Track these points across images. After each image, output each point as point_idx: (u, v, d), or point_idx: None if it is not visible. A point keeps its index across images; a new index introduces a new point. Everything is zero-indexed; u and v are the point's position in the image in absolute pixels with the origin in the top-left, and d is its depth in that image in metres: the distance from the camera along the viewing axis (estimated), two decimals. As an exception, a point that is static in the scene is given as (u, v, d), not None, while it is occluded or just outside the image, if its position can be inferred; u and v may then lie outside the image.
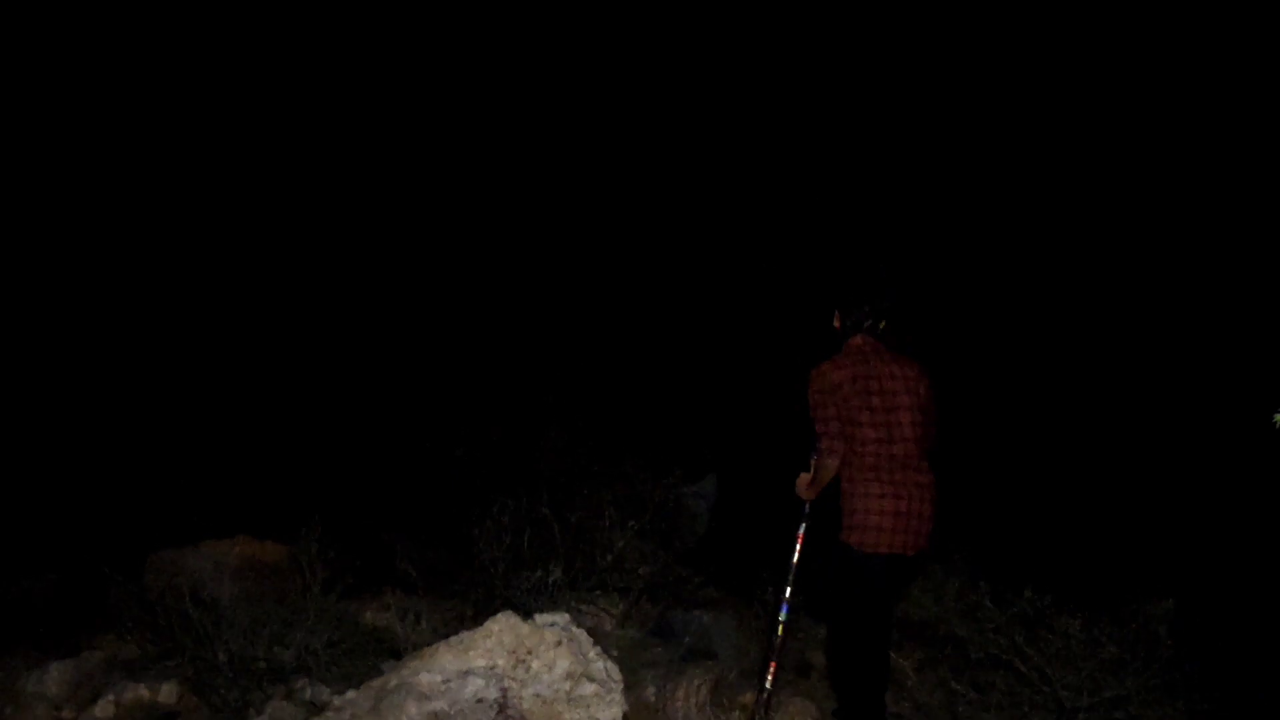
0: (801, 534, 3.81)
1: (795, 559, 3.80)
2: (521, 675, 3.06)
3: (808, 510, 3.79)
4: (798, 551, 3.80)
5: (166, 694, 3.78)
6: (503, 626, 3.16)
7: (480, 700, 2.98)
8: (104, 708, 3.69)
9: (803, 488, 3.73)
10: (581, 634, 3.28)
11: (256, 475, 5.97)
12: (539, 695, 3.02)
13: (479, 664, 3.08)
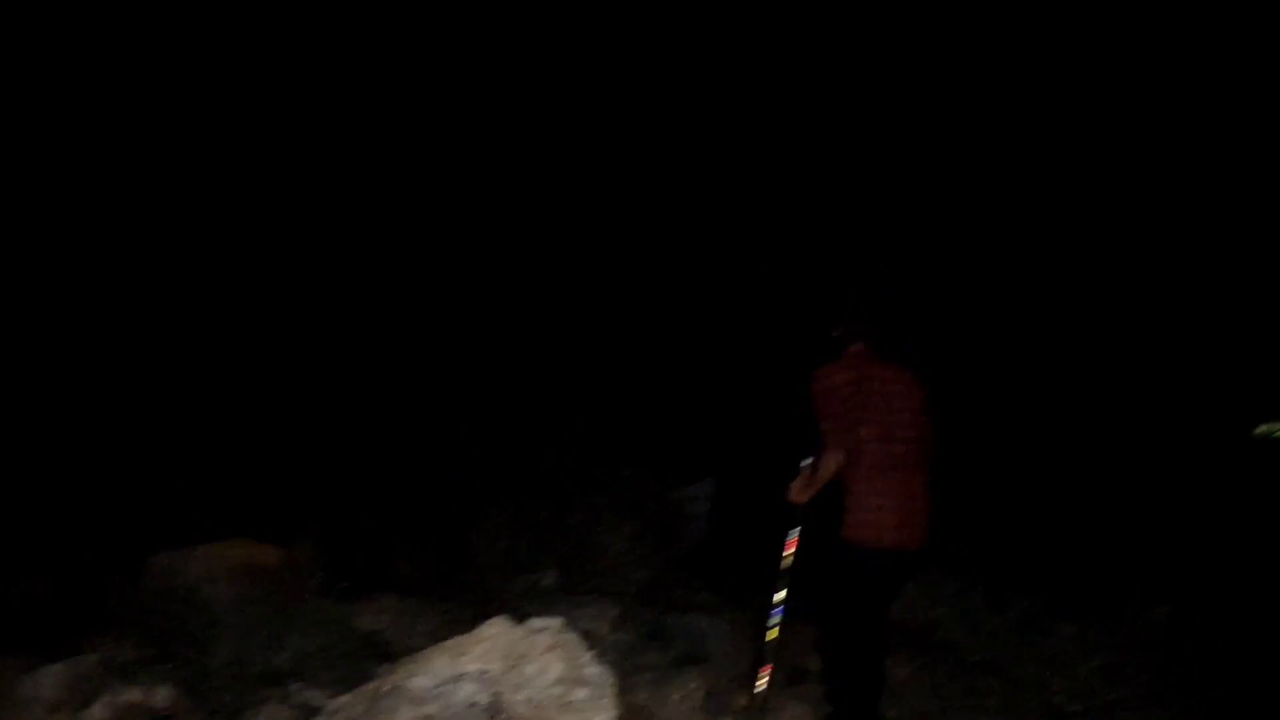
0: (794, 539, 3.84)
1: (788, 564, 3.82)
2: (514, 680, 3.07)
3: (800, 515, 3.82)
4: (790, 556, 3.83)
5: (161, 697, 3.78)
6: (496, 631, 3.17)
7: (472, 705, 2.98)
8: (98, 710, 3.68)
9: (795, 492, 3.76)
10: (574, 638, 3.28)
11: (255, 478, 5.98)
12: (531, 700, 3.02)
13: (472, 668, 3.08)
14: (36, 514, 5.39)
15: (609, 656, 3.97)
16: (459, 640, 3.16)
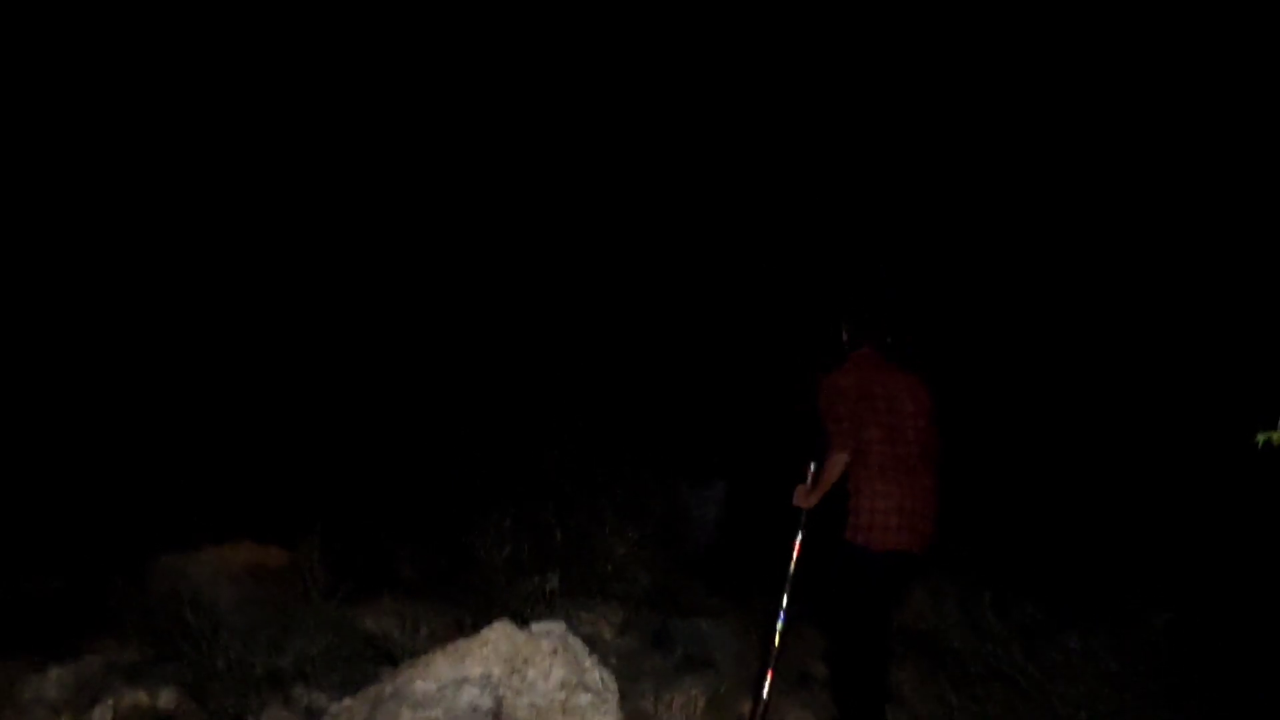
0: (799, 543, 3.84)
1: (793, 568, 3.82)
2: (517, 684, 3.06)
3: (805, 520, 3.82)
4: (795, 560, 3.82)
5: (165, 699, 3.79)
6: (499, 635, 3.16)
7: (475, 709, 2.98)
8: (102, 712, 3.69)
9: (801, 497, 3.77)
10: (578, 643, 3.28)
11: (259, 480, 5.99)
12: (534, 704, 3.02)
13: (474, 672, 3.08)
14: (41, 516, 5.40)
15: (612, 661, 3.96)
16: (462, 643, 3.16)
